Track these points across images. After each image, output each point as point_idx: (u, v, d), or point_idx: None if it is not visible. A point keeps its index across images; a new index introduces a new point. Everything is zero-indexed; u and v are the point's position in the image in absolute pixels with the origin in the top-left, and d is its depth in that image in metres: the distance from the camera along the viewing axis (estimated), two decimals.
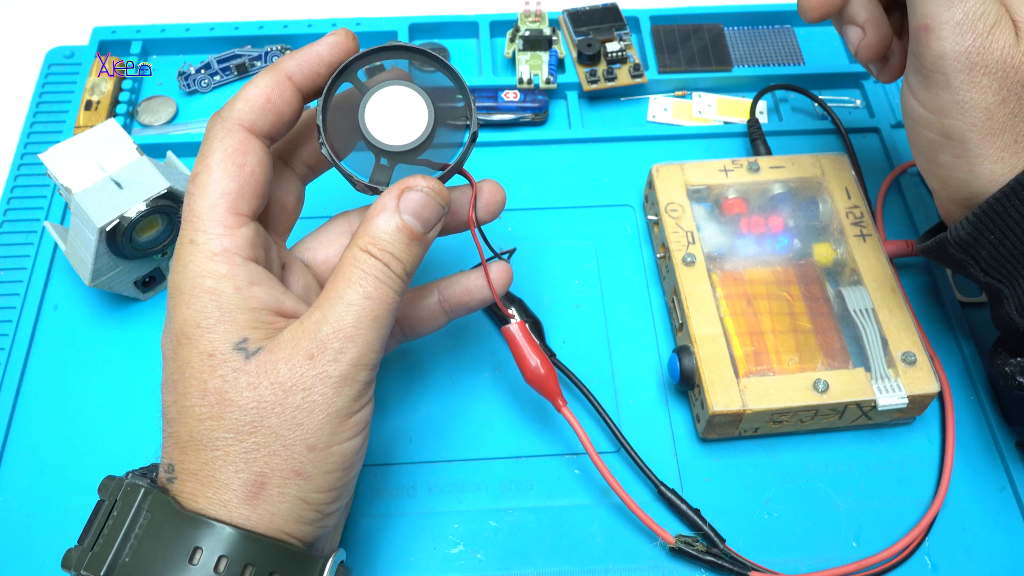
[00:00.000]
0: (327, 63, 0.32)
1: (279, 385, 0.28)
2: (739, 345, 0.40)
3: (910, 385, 0.38)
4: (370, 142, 0.32)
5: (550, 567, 0.37)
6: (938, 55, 0.33)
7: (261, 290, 0.30)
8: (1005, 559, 0.38)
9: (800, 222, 0.45)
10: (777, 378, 0.39)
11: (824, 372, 0.39)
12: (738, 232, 0.44)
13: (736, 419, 0.38)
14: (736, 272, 0.43)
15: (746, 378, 0.39)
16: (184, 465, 0.29)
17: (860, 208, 0.44)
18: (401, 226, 0.30)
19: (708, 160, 0.46)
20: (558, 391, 0.36)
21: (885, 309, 0.41)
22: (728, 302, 0.41)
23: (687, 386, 0.40)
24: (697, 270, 0.42)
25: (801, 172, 0.46)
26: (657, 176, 0.46)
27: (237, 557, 0.27)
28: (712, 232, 0.44)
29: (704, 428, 0.39)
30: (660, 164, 0.46)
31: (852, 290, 0.41)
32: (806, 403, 0.38)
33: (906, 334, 0.40)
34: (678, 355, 0.40)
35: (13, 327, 0.44)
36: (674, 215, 0.44)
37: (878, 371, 0.39)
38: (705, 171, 0.46)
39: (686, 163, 0.46)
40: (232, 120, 0.31)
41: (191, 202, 0.30)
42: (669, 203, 0.44)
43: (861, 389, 0.38)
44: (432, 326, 0.37)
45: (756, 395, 0.38)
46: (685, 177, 0.45)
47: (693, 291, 0.41)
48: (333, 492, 0.30)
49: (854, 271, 0.42)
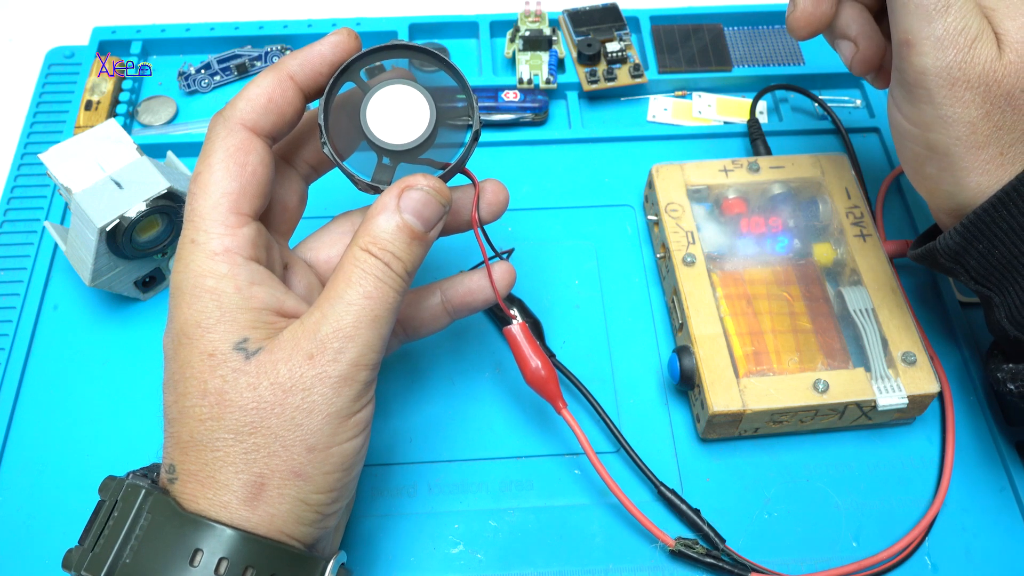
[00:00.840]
0: (329, 62, 0.32)
1: (279, 385, 0.28)
2: (739, 345, 0.40)
3: (910, 385, 0.38)
4: (372, 141, 0.32)
5: (550, 567, 0.37)
6: (920, 71, 0.33)
7: (262, 290, 0.30)
8: (1005, 559, 0.38)
9: (800, 222, 0.45)
10: (777, 378, 0.39)
11: (824, 372, 0.39)
12: (738, 232, 0.44)
13: (736, 419, 0.38)
14: (736, 272, 0.43)
15: (746, 378, 0.39)
16: (184, 466, 0.29)
17: (860, 208, 0.44)
18: (402, 225, 0.30)
19: (708, 160, 0.46)
20: (558, 393, 0.36)
21: (885, 309, 0.41)
22: (728, 302, 0.41)
23: (687, 386, 0.40)
24: (697, 270, 0.42)
25: (801, 172, 0.46)
26: (657, 176, 0.46)
27: (238, 559, 0.27)
28: (712, 232, 0.44)
29: (704, 428, 0.39)
30: (660, 164, 0.46)
31: (852, 290, 0.41)
32: (806, 403, 0.38)
33: (906, 334, 0.40)
34: (678, 355, 0.40)
35: (13, 327, 0.44)
36: (674, 215, 0.44)
37: (878, 371, 0.39)
38: (705, 171, 0.46)
39: (686, 163, 0.46)
40: (234, 120, 0.31)
41: (193, 202, 0.30)
42: (669, 203, 0.44)
43: (861, 389, 0.38)
44: (435, 327, 0.37)
45: (756, 395, 0.38)
46: (685, 177, 0.45)
47: (693, 291, 0.41)
48: (333, 493, 0.30)
49: (854, 271, 0.42)
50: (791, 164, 0.46)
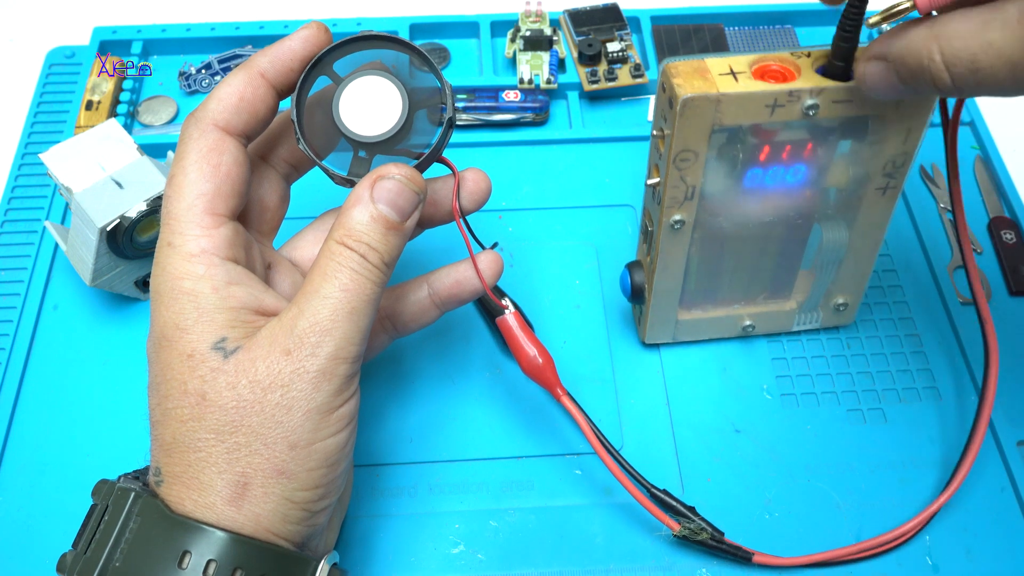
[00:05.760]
0: (300, 58, 0.32)
1: (257, 383, 0.28)
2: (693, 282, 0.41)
3: (829, 320, 0.43)
4: (346, 134, 0.31)
5: (551, 567, 0.37)
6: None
7: (240, 290, 0.30)
8: (1006, 559, 0.38)
9: (827, 153, 0.36)
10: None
11: (757, 307, 0.42)
12: (748, 165, 0.36)
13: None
14: (720, 230, 0.38)
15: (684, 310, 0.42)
16: (169, 468, 0.29)
17: (906, 157, 0.36)
18: (376, 216, 0.30)
19: (752, 90, 0.33)
20: (556, 380, 0.36)
21: (852, 258, 0.40)
22: (699, 250, 0.39)
23: (636, 300, 0.42)
24: (682, 235, 0.38)
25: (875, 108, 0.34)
26: (683, 112, 0.33)
27: (226, 561, 0.27)
28: (716, 173, 0.36)
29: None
30: (688, 91, 0.33)
31: (832, 235, 0.39)
32: (732, 336, 0.43)
33: (853, 283, 0.41)
34: (630, 271, 0.41)
35: (13, 327, 0.44)
36: (682, 166, 0.35)
37: (807, 307, 0.42)
38: (747, 107, 0.33)
39: (722, 94, 0.33)
40: (206, 120, 0.31)
41: (168, 204, 0.30)
42: (682, 151, 0.34)
43: (783, 324, 0.43)
44: (424, 320, 0.37)
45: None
46: (718, 115, 0.33)
47: (670, 252, 0.38)
48: (319, 490, 0.30)
49: (850, 214, 0.38)
50: (863, 98, 0.33)
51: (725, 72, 0.33)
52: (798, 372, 0.43)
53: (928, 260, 0.47)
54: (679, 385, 0.42)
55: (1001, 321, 0.44)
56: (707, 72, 0.33)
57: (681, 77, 0.33)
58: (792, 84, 0.33)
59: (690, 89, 0.33)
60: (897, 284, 0.46)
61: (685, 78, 0.33)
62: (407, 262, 0.44)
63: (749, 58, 0.34)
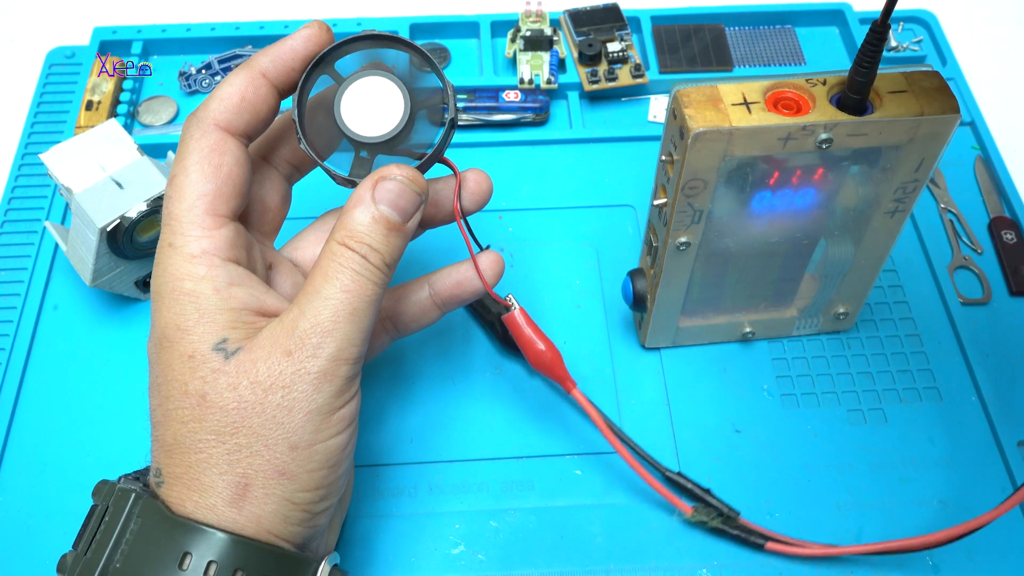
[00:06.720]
0: (301, 57, 0.32)
1: (258, 384, 0.28)
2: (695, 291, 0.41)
3: (827, 326, 0.43)
4: (347, 135, 0.31)
5: (551, 567, 0.37)
6: None
7: (241, 290, 0.30)
8: (1006, 559, 0.38)
9: (838, 177, 0.36)
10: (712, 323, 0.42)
11: (758, 315, 0.42)
12: (756, 190, 0.36)
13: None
14: (726, 251, 0.39)
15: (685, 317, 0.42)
16: (170, 469, 0.29)
17: (917, 183, 0.35)
18: (378, 217, 0.30)
19: (766, 123, 0.32)
20: (566, 374, 0.36)
21: (855, 273, 0.40)
22: (703, 270, 0.39)
23: (639, 308, 0.41)
24: (686, 256, 0.38)
25: (892, 137, 0.33)
26: (694, 144, 0.32)
27: (227, 563, 0.27)
28: (724, 199, 0.36)
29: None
30: (699, 125, 0.32)
31: (837, 252, 0.39)
32: (732, 340, 0.43)
33: (855, 293, 0.41)
34: (632, 279, 0.41)
35: (13, 327, 0.44)
36: (691, 193, 0.34)
37: (808, 313, 0.42)
38: (759, 139, 0.32)
39: (735, 128, 0.32)
40: (207, 120, 0.30)
41: (169, 205, 0.30)
42: (691, 180, 0.34)
43: (783, 329, 0.43)
44: (425, 321, 0.37)
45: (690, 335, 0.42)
46: (729, 146, 0.33)
47: (672, 269, 0.38)
48: (320, 491, 0.30)
49: (856, 232, 0.38)
50: (878, 132, 0.33)
51: (738, 102, 0.32)
52: (798, 372, 0.43)
53: (928, 260, 0.47)
54: (679, 385, 0.42)
55: (1001, 321, 0.44)
56: (719, 102, 0.32)
57: (693, 107, 0.32)
58: (806, 118, 0.32)
59: (702, 122, 0.32)
60: (897, 284, 0.46)
61: (697, 108, 0.32)
62: (408, 262, 0.44)
63: (763, 85, 0.33)
